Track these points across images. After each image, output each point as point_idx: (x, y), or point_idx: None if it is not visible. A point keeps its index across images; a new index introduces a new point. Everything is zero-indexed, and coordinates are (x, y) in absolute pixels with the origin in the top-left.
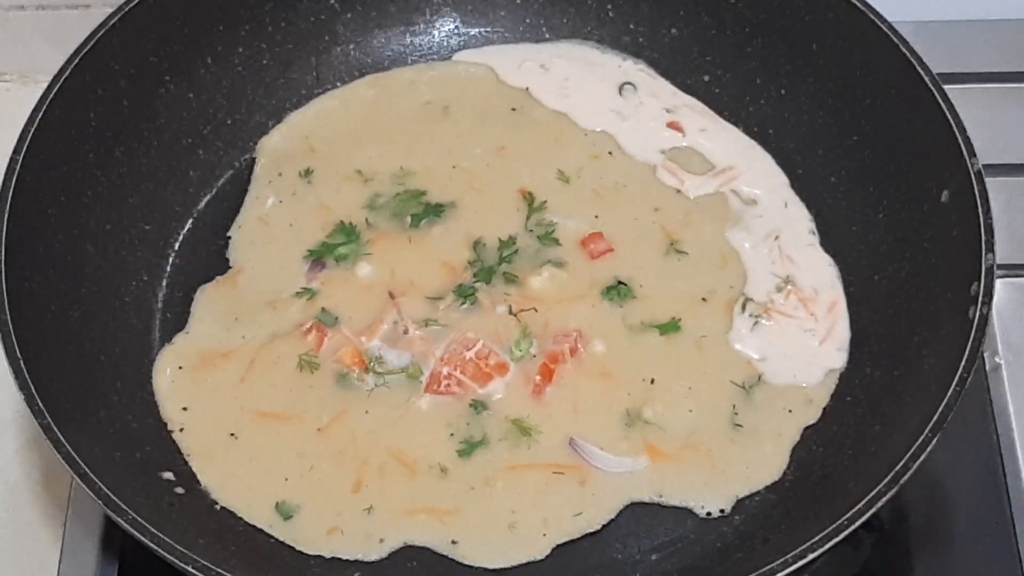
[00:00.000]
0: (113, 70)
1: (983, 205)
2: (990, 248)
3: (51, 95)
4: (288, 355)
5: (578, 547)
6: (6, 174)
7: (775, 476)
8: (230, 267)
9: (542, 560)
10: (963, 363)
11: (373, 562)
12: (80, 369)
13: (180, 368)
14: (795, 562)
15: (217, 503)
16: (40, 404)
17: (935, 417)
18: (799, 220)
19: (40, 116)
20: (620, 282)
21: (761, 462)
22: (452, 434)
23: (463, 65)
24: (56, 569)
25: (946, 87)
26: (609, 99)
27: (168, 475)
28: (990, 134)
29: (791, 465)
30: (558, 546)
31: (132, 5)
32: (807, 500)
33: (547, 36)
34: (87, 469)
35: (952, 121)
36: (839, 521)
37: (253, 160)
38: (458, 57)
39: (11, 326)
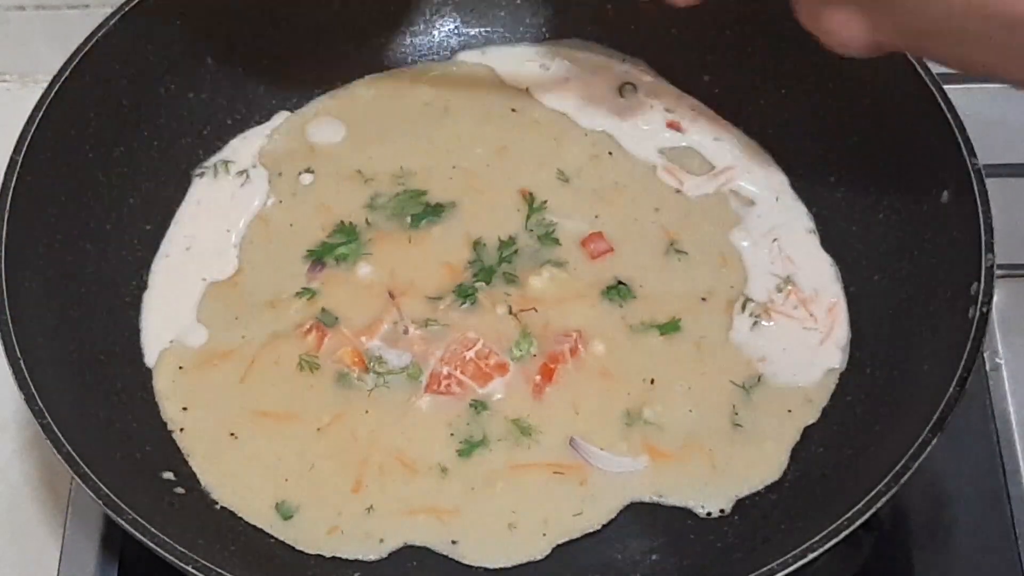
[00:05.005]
0: (113, 70)
1: (983, 205)
2: (990, 248)
3: (51, 95)
4: (288, 355)
5: (578, 547)
6: (6, 174)
7: (775, 476)
8: None
9: (542, 560)
10: (963, 363)
11: (373, 562)
12: (80, 369)
13: (180, 368)
14: (795, 562)
15: (217, 503)
16: (40, 404)
17: (935, 417)
18: (799, 220)
19: (40, 116)
20: (620, 282)
21: (761, 462)
22: (452, 434)
23: (463, 65)
24: (56, 569)
25: (946, 87)
26: (609, 99)
27: (168, 475)
28: (990, 134)
29: (791, 465)
30: (558, 546)
31: (132, 5)
32: (807, 500)
33: (547, 36)
34: (87, 469)
35: (952, 121)
36: (839, 521)
37: None
38: (458, 57)
39: (11, 326)
